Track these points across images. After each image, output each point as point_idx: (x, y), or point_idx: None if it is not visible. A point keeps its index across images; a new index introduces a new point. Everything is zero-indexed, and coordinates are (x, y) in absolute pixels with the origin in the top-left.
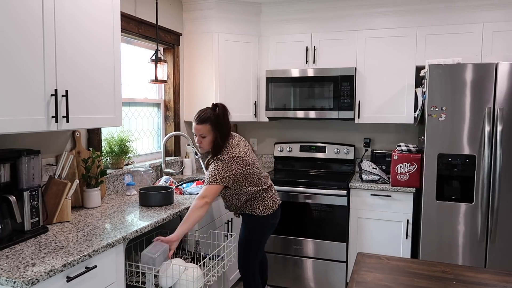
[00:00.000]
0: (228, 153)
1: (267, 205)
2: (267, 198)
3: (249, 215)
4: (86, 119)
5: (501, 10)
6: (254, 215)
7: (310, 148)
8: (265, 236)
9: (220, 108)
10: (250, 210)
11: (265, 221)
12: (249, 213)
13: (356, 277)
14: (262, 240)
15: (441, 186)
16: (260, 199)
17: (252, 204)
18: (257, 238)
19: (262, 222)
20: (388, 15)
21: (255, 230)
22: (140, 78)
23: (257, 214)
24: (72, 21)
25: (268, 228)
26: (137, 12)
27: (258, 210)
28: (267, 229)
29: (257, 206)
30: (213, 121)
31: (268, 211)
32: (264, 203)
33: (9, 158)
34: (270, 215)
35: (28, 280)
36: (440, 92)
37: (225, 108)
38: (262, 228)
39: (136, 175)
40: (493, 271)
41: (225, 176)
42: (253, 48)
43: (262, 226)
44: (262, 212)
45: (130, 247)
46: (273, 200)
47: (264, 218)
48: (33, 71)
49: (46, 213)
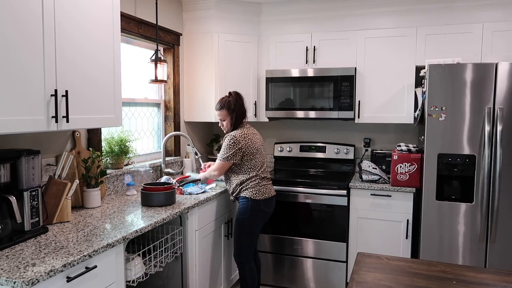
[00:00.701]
0: (240, 130)
1: (260, 191)
2: (262, 185)
3: (242, 197)
4: (86, 119)
5: (501, 10)
6: (247, 197)
7: (310, 148)
8: (256, 222)
9: (233, 96)
10: (244, 193)
11: (256, 205)
12: (243, 195)
13: (356, 277)
14: (254, 226)
15: (441, 186)
16: (255, 184)
17: (246, 186)
18: (249, 223)
19: (253, 205)
20: (388, 15)
21: (247, 213)
22: (140, 78)
23: (249, 197)
24: (72, 21)
25: (259, 213)
26: (137, 12)
27: (251, 193)
28: (258, 215)
29: (251, 190)
30: (227, 106)
31: (260, 196)
32: (258, 188)
33: (9, 158)
34: (262, 201)
35: (28, 280)
36: (440, 92)
37: (238, 95)
38: (254, 213)
39: (136, 175)
40: (493, 271)
41: (234, 153)
42: (253, 48)
43: (253, 210)
44: (255, 196)
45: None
46: (267, 189)
47: (256, 202)
48: (33, 71)
49: (46, 213)
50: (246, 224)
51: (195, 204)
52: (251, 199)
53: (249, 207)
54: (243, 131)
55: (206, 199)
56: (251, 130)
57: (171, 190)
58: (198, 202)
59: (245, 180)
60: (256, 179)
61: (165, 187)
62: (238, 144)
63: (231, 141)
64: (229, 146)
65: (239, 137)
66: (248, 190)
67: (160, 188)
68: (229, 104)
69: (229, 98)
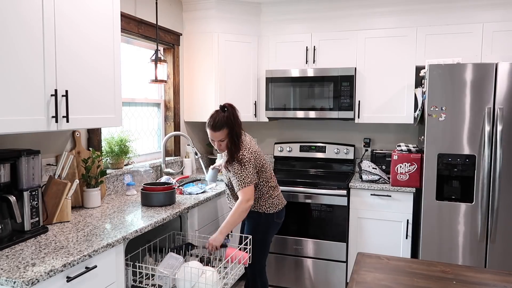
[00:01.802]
0: (246, 149)
1: (273, 203)
2: (274, 196)
3: (254, 212)
4: (86, 119)
5: (501, 10)
6: (260, 213)
7: (310, 148)
8: (269, 235)
9: (228, 109)
10: (256, 207)
11: (270, 219)
12: (255, 210)
13: (356, 277)
14: (267, 239)
15: (441, 186)
16: (267, 197)
17: (259, 201)
18: (262, 237)
19: (266, 220)
20: (388, 15)
21: (260, 228)
22: (140, 78)
23: (263, 211)
24: (72, 21)
25: (273, 226)
26: (137, 12)
27: (264, 207)
28: (272, 228)
29: (264, 204)
30: (227, 124)
31: (273, 209)
32: (271, 201)
33: (9, 158)
34: (275, 214)
35: (28, 280)
36: (440, 92)
37: (233, 108)
38: (267, 226)
39: (136, 175)
40: (493, 271)
41: (250, 174)
42: (253, 48)
43: (266, 224)
44: (268, 210)
45: (144, 249)
46: (279, 199)
47: (269, 216)
48: (33, 71)
49: (46, 213)
50: (259, 239)
51: (195, 204)
52: (264, 214)
53: (262, 222)
54: (246, 146)
55: (206, 199)
56: (249, 139)
57: (171, 190)
58: (198, 202)
59: (258, 197)
60: (269, 192)
61: (165, 187)
62: (251, 163)
63: (246, 164)
64: (246, 168)
65: (249, 155)
66: (260, 206)
67: (160, 188)
68: (229, 120)
69: (225, 113)
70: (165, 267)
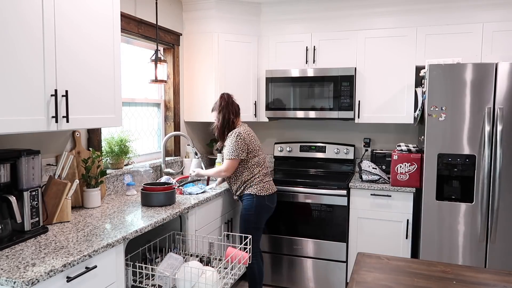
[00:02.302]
0: (242, 127)
1: (264, 187)
2: (265, 181)
3: (247, 194)
4: (86, 119)
5: (501, 10)
6: (252, 194)
7: (310, 148)
8: (262, 217)
9: (221, 96)
10: (249, 190)
11: (261, 200)
12: (248, 192)
13: (356, 277)
14: (260, 222)
15: (441, 186)
16: (259, 181)
17: (251, 183)
18: (255, 218)
19: (259, 201)
20: (388, 15)
21: (252, 209)
22: (140, 78)
23: (255, 193)
24: (72, 21)
25: (264, 209)
26: (137, 12)
27: (256, 189)
28: (264, 210)
29: (255, 187)
30: (216, 108)
31: (265, 192)
32: (262, 185)
33: (9, 158)
34: (267, 196)
35: (28, 280)
36: (440, 92)
37: (228, 96)
38: (259, 208)
39: (136, 175)
40: (493, 271)
41: (241, 149)
42: (253, 48)
43: (258, 206)
44: (260, 192)
45: (144, 249)
46: (270, 185)
47: (261, 198)
48: (33, 72)
49: (46, 213)
50: (252, 220)
51: (195, 204)
52: (256, 196)
53: (255, 203)
54: (245, 128)
55: (206, 199)
56: (249, 128)
57: (171, 190)
58: (198, 202)
59: (249, 178)
60: (260, 176)
61: (165, 187)
62: (244, 140)
63: (237, 138)
64: (236, 142)
65: (243, 133)
66: (252, 187)
67: (160, 188)
68: (215, 105)
69: (220, 100)
70: (165, 267)
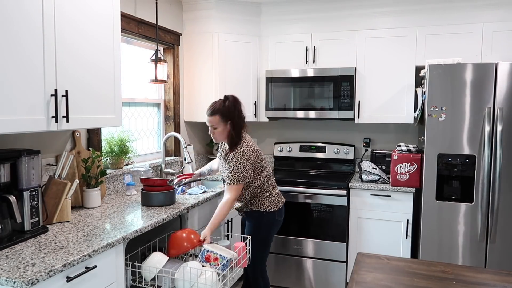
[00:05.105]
0: (248, 146)
1: (274, 202)
2: (274, 194)
3: (255, 211)
4: (86, 119)
5: (501, 10)
6: (261, 211)
7: (310, 148)
8: (271, 234)
9: (230, 101)
10: (257, 206)
11: (271, 217)
12: (256, 209)
13: (356, 277)
14: (269, 238)
15: (441, 186)
16: (268, 195)
17: (260, 200)
18: (264, 236)
19: (268, 219)
20: (388, 15)
21: (262, 227)
22: (140, 78)
23: (264, 210)
24: (72, 21)
25: (274, 225)
26: (137, 12)
27: (266, 206)
28: (273, 226)
29: (265, 203)
30: (222, 112)
31: (274, 208)
32: (272, 199)
33: (9, 158)
34: (277, 212)
35: (28, 280)
36: (440, 92)
37: (236, 100)
38: (269, 225)
39: (136, 175)
40: (493, 271)
41: (247, 172)
42: (253, 48)
43: (268, 223)
44: (269, 208)
45: (143, 248)
46: (279, 197)
47: (271, 215)
48: (33, 72)
49: (46, 213)
50: (261, 239)
51: (195, 204)
52: (266, 213)
53: (264, 221)
54: (248, 143)
55: (206, 199)
56: (250, 139)
57: (171, 190)
58: (198, 202)
59: (257, 193)
60: (268, 190)
61: (165, 187)
62: (249, 160)
63: (242, 159)
64: (242, 165)
65: (248, 152)
66: (261, 204)
67: (160, 188)
68: (227, 109)
69: (224, 103)
70: (165, 267)
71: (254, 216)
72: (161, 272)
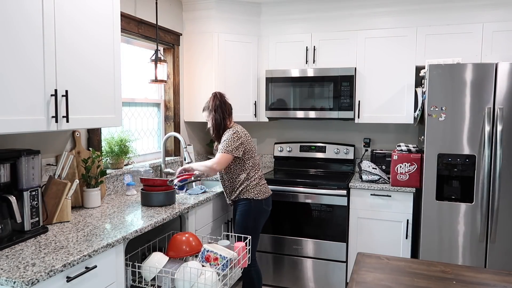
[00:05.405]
0: (235, 128)
1: (261, 191)
2: (261, 184)
3: (243, 199)
4: (86, 119)
5: (501, 10)
6: (249, 199)
7: (310, 148)
8: (260, 222)
9: (214, 96)
10: (246, 194)
11: (259, 205)
12: (244, 197)
13: (356, 277)
14: (257, 226)
15: (441, 186)
16: (255, 184)
17: (248, 187)
18: (253, 224)
19: (256, 206)
20: (388, 15)
21: (250, 214)
22: (140, 78)
23: (252, 197)
24: (72, 21)
25: (262, 212)
26: (137, 12)
27: (253, 193)
28: (261, 214)
29: (252, 191)
30: (207, 107)
31: (262, 196)
32: (259, 188)
33: (9, 158)
34: (264, 200)
35: (28, 280)
36: (440, 92)
37: (220, 95)
38: (257, 212)
39: (136, 175)
40: (493, 271)
41: (236, 146)
42: (253, 48)
43: (256, 210)
44: (257, 196)
45: (143, 248)
46: (266, 188)
47: (258, 202)
48: (33, 72)
49: (46, 213)
50: (250, 226)
51: (195, 204)
52: (253, 200)
53: (252, 208)
54: (241, 128)
55: (206, 199)
56: (244, 129)
57: (171, 190)
58: (198, 202)
59: (246, 181)
60: (256, 179)
61: (165, 187)
62: (240, 138)
63: (234, 135)
64: (232, 139)
65: (241, 132)
66: (249, 191)
67: (160, 188)
68: (206, 106)
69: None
70: (165, 267)
71: (242, 203)
72: (161, 272)
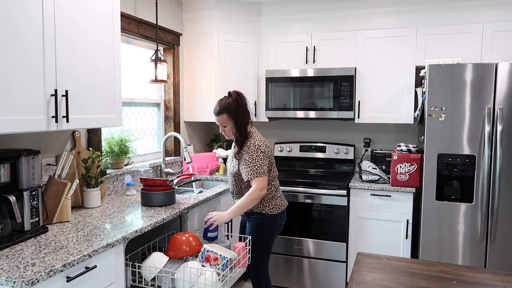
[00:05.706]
0: (262, 141)
1: (276, 204)
2: (277, 197)
3: (257, 213)
4: (86, 119)
5: (501, 10)
6: (263, 214)
7: (310, 148)
8: (272, 237)
9: (233, 98)
10: (260, 208)
11: (273, 220)
12: (257, 211)
13: (356, 277)
14: (269, 241)
15: (441, 186)
16: (271, 198)
17: (262, 201)
18: (265, 239)
19: (270, 221)
20: (388, 15)
21: (263, 229)
22: (140, 78)
23: (266, 212)
24: (72, 21)
25: (276, 228)
26: (137, 12)
27: (268, 208)
28: (275, 229)
29: (267, 204)
30: (228, 110)
31: (277, 210)
32: (275, 202)
33: (9, 158)
34: (279, 215)
35: (28, 280)
36: (440, 92)
37: (240, 95)
38: (270, 228)
39: (136, 175)
40: (493, 271)
41: (264, 164)
42: (253, 48)
43: (269, 225)
44: (272, 211)
45: (143, 248)
46: (282, 200)
47: (272, 217)
48: (33, 72)
49: (46, 213)
50: (263, 242)
51: (195, 204)
52: (268, 215)
53: (266, 223)
54: (260, 137)
55: (206, 199)
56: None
57: (171, 190)
58: (198, 202)
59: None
60: (272, 192)
61: (165, 187)
62: (264, 153)
63: (258, 152)
64: (260, 158)
65: (262, 145)
66: (264, 205)
67: (160, 188)
68: (232, 105)
69: (229, 99)
70: (165, 267)
71: (255, 218)
72: (161, 272)
